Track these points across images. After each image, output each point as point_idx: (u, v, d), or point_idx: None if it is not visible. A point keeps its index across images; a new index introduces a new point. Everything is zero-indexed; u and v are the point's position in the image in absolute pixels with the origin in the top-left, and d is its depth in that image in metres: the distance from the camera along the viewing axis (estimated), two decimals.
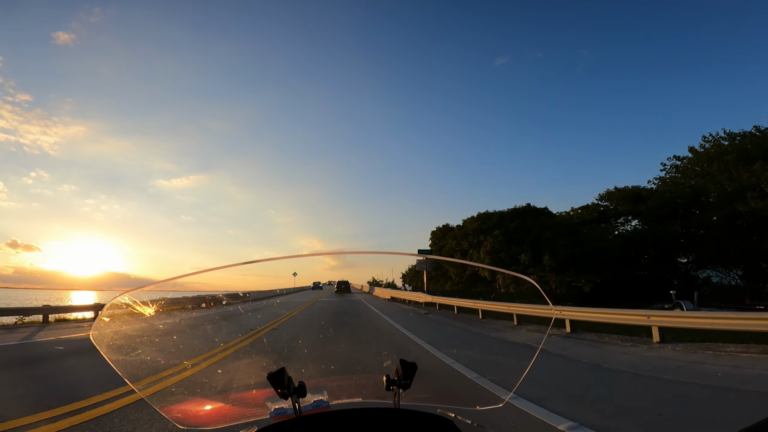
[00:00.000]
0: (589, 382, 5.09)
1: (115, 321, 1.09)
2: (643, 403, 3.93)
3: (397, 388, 1.09)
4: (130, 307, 1.06)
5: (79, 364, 5.77)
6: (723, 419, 3.34)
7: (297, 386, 1.05)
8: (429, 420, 1.00)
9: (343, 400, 1.39)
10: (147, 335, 1.50)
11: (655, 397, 4.11)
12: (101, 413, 3.37)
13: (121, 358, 1.19)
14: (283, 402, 1.08)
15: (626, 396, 4.35)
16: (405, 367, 1.09)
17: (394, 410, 1.06)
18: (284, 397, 1.03)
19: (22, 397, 3.90)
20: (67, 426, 3.05)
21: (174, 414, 1.19)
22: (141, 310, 1.08)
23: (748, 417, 0.76)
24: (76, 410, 3.43)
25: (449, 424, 0.99)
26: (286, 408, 1.10)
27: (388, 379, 1.12)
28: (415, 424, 1.00)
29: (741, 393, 4.14)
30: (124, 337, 1.18)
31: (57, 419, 3.18)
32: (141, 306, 1.08)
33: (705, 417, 3.51)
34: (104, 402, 3.65)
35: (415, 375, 1.09)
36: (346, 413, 1.02)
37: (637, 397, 4.20)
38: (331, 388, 1.33)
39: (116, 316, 1.07)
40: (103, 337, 1.09)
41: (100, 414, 3.35)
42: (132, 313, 1.08)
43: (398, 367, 1.10)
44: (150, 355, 1.52)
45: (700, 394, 4.23)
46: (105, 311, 1.06)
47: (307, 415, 1.04)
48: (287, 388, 1.01)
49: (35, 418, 3.19)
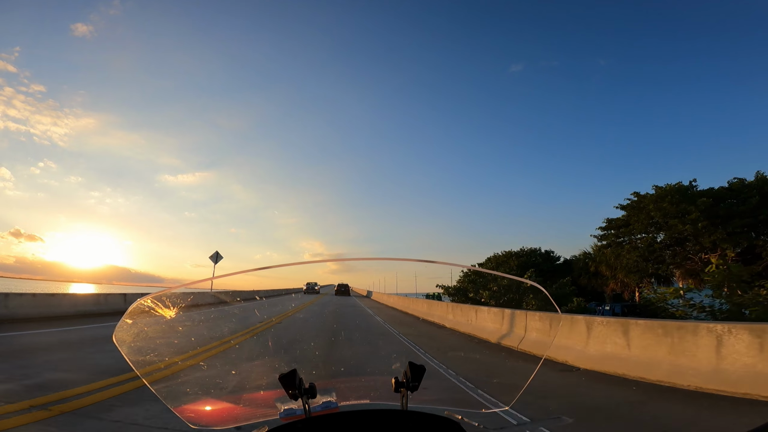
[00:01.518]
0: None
1: (137, 323, 1.15)
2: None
3: (406, 390, 1.11)
4: (152, 309, 1.12)
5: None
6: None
7: (307, 387, 1.08)
8: (436, 422, 1.03)
9: (352, 402, 1.42)
10: (165, 336, 1.56)
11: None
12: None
13: (140, 359, 1.25)
14: (292, 403, 1.11)
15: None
16: (413, 370, 1.11)
17: (402, 412, 1.08)
18: (294, 398, 1.06)
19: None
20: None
21: (187, 414, 1.23)
22: (162, 313, 1.13)
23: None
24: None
25: (456, 426, 1.01)
26: (296, 409, 1.13)
27: (397, 381, 1.14)
28: (422, 426, 1.03)
29: None
30: (145, 339, 1.23)
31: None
32: (162, 308, 1.13)
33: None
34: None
35: (423, 378, 1.12)
36: (354, 414, 1.05)
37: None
38: (340, 390, 1.36)
39: (138, 318, 1.13)
40: (125, 338, 1.15)
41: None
42: (153, 315, 1.13)
43: (407, 370, 1.12)
44: (168, 355, 1.58)
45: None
46: (128, 314, 1.12)
47: (316, 416, 1.07)
48: (298, 389, 1.05)
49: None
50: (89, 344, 7.13)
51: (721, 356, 4.88)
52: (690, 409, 4.21)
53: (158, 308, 1.13)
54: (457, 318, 13.39)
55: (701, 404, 4.34)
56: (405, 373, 1.13)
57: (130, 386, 4.16)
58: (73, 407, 3.52)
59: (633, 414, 4.21)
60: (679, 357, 5.33)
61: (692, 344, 5.24)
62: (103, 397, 3.88)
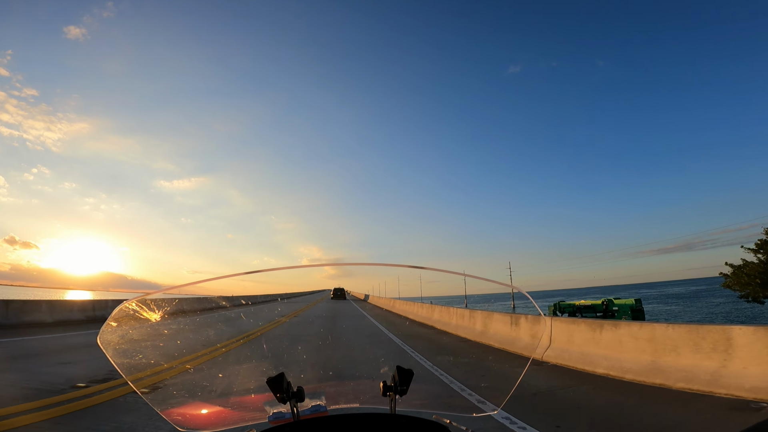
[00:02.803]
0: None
1: (122, 326, 1.13)
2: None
3: (394, 394, 1.12)
4: (137, 312, 1.10)
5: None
6: None
7: (295, 391, 1.08)
8: (424, 426, 1.03)
9: (341, 405, 1.42)
10: (151, 339, 1.54)
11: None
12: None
13: (125, 362, 1.23)
14: (281, 406, 1.11)
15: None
16: (402, 374, 1.12)
17: (391, 416, 1.08)
18: (283, 402, 1.06)
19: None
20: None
21: (174, 416, 1.21)
22: (147, 316, 1.12)
23: None
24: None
25: (444, 430, 1.02)
26: (285, 412, 1.13)
27: (385, 385, 1.14)
28: (410, 430, 1.03)
29: None
30: (130, 342, 1.22)
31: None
32: (147, 312, 1.12)
33: None
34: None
35: (411, 381, 1.12)
36: (342, 418, 1.06)
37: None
38: (329, 394, 1.36)
39: (123, 321, 1.11)
40: (109, 341, 1.13)
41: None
42: (138, 318, 1.11)
43: (395, 374, 1.13)
44: (154, 358, 1.56)
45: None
46: (113, 316, 1.10)
47: (304, 420, 1.07)
48: (286, 393, 1.04)
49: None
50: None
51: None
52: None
53: (144, 311, 1.11)
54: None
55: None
56: (393, 377, 1.13)
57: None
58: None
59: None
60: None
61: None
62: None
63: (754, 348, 4.43)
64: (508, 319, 9.05)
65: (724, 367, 4.60)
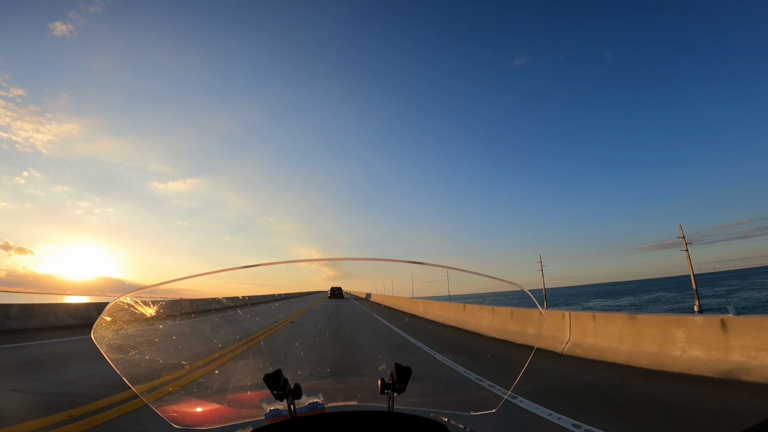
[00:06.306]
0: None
1: (116, 321, 1.11)
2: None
3: (392, 391, 1.11)
4: (131, 307, 1.09)
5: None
6: None
7: (293, 388, 1.07)
8: (422, 424, 1.02)
9: (338, 403, 1.41)
10: (147, 336, 1.52)
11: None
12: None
13: (120, 357, 1.21)
14: (278, 403, 1.10)
15: None
16: (400, 371, 1.11)
17: (388, 413, 1.07)
18: (280, 399, 1.05)
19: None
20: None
21: (170, 413, 1.20)
22: (142, 311, 1.10)
23: None
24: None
25: (442, 428, 1.01)
26: (282, 409, 1.11)
27: (383, 382, 1.13)
28: (408, 428, 1.02)
29: None
30: (124, 337, 1.20)
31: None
32: (142, 307, 1.10)
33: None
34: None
35: (409, 379, 1.11)
36: (340, 415, 1.05)
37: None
38: (326, 391, 1.35)
39: (117, 316, 1.10)
40: (104, 336, 1.12)
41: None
42: (133, 313, 1.10)
43: (393, 371, 1.12)
44: (149, 354, 1.54)
45: None
46: (106, 312, 1.09)
47: (301, 417, 1.06)
48: (283, 390, 1.03)
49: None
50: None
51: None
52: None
53: (138, 306, 1.10)
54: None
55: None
56: (391, 374, 1.12)
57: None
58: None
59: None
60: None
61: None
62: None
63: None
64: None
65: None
